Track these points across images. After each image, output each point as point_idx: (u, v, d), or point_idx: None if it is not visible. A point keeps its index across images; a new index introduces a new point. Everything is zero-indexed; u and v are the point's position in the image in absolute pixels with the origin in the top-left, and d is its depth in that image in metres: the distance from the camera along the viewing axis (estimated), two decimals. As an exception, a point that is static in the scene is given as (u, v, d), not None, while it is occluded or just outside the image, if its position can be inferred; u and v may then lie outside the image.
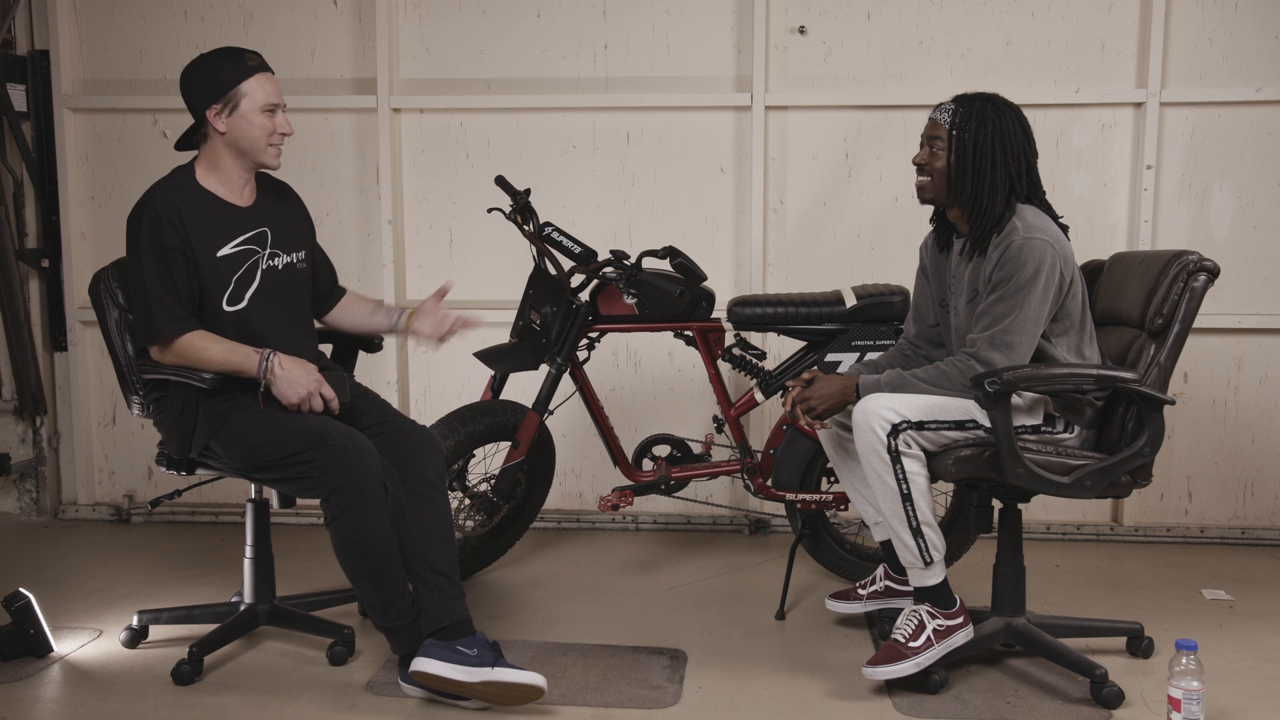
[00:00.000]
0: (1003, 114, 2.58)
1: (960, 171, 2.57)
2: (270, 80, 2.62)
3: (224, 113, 2.57)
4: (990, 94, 2.63)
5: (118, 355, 2.73)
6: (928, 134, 2.63)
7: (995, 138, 2.56)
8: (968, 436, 2.53)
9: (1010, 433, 2.43)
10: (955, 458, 2.50)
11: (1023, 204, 2.57)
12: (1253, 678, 2.68)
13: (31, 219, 4.07)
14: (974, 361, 2.49)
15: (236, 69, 2.58)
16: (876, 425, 2.48)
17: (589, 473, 4.00)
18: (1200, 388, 3.79)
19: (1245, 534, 3.81)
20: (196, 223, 2.57)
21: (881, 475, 2.50)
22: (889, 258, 3.85)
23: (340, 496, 2.45)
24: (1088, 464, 2.51)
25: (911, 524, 2.51)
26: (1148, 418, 2.49)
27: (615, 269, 3.18)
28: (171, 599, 3.17)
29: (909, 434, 2.49)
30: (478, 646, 2.46)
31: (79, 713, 2.50)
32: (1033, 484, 2.48)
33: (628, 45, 3.89)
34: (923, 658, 2.53)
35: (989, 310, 2.51)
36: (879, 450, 2.48)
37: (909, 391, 2.53)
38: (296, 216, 2.81)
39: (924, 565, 2.55)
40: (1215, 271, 2.54)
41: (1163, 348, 2.53)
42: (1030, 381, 2.44)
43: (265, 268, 2.66)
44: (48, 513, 4.12)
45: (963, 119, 2.57)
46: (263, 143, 2.61)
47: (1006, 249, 2.50)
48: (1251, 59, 3.71)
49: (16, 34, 3.98)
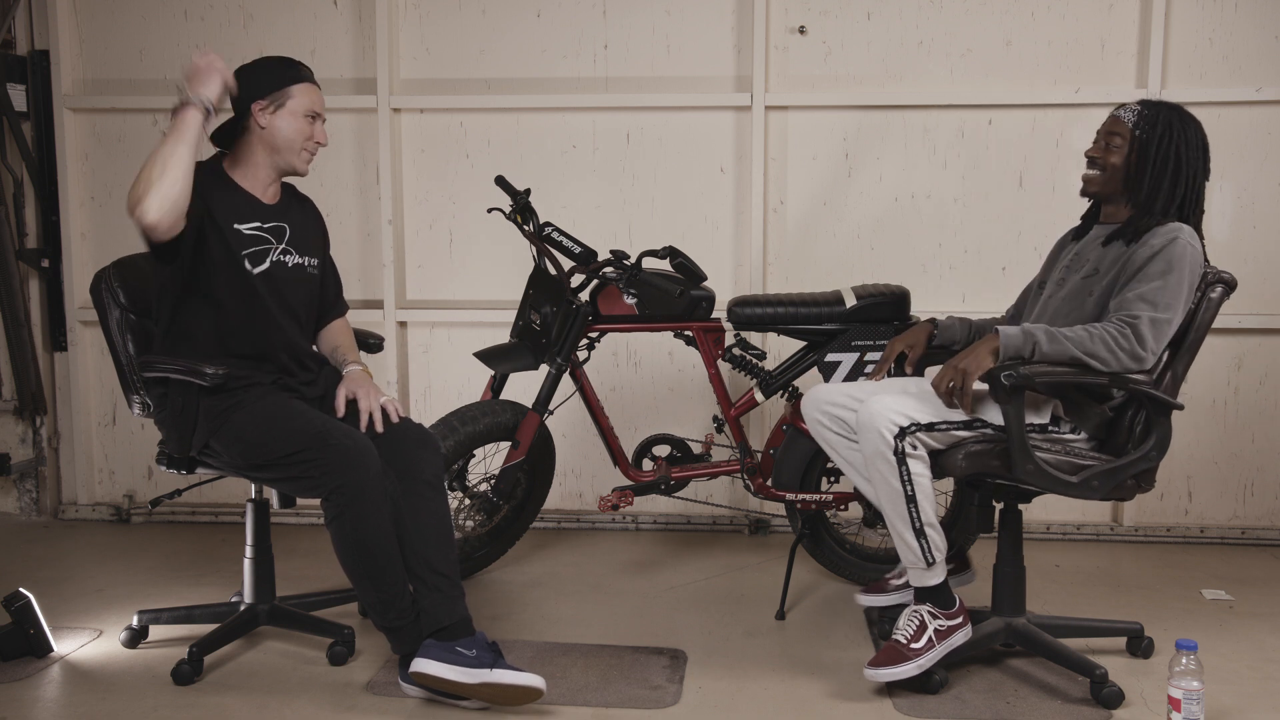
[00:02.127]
0: (1188, 125, 2.57)
1: (1139, 171, 2.56)
2: (317, 92, 2.70)
3: (269, 109, 2.63)
4: (1176, 104, 2.62)
5: (118, 355, 2.73)
6: (1106, 129, 2.61)
7: (1181, 145, 2.54)
8: (975, 435, 2.52)
9: (1022, 428, 2.43)
10: (966, 452, 2.49)
11: (1181, 222, 2.56)
12: (1253, 678, 2.68)
13: (31, 219, 4.07)
14: (1132, 334, 2.43)
15: (290, 72, 2.67)
16: (884, 428, 2.47)
17: (589, 473, 4.00)
18: (1200, 388, 3.79)
19: (1245, 534, 3.81)
20: (217, 198, 2.61)
21: (886, 477, 2.50)
22: (889, 258, 3.85)
23: (341, 496, 2.45)
24: (1096, 465, 2.51)
25: (915, 525, 2.51)
26: (1156, 422, 2.49)
27: (615, 269, 3.18)
28: (171, 599, 3.17)
29: (917, 435, 2.48)
30: (477, 647, 2.46)
31: (79, 713, 2.50)
32: (1041, 481, 2.48)
33: (628, 45, 3.89)
34: (924, 659, 2.53)
35: (1150, 297, 2.45)
36: (885, 453, 2.48)
37: (1064, 350, 2.43)
38: (314, 227, 2.84)
39: (926, 566, 2.55)
40: (1232, 284, 2.56)
41: (1177, 355, 2.54)
42: (1046, 377, 2.43)
43: (275, 259, 2.68)
44: (48, 513, 4.12)
45: (1149, 121, 2.56)
46: (297, 145, 2.66)
47: (1173, 243, 2.47)
48: (1251, 59, 3.71)
49: (16, 34, 3.98)
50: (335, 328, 2.92)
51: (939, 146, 3.81)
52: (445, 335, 4.01)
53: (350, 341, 2.92)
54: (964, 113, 3.79)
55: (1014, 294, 3.79)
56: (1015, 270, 3.81)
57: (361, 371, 2.78)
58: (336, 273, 2.94)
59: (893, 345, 2.83)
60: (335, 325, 2.92)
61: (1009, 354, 2.46)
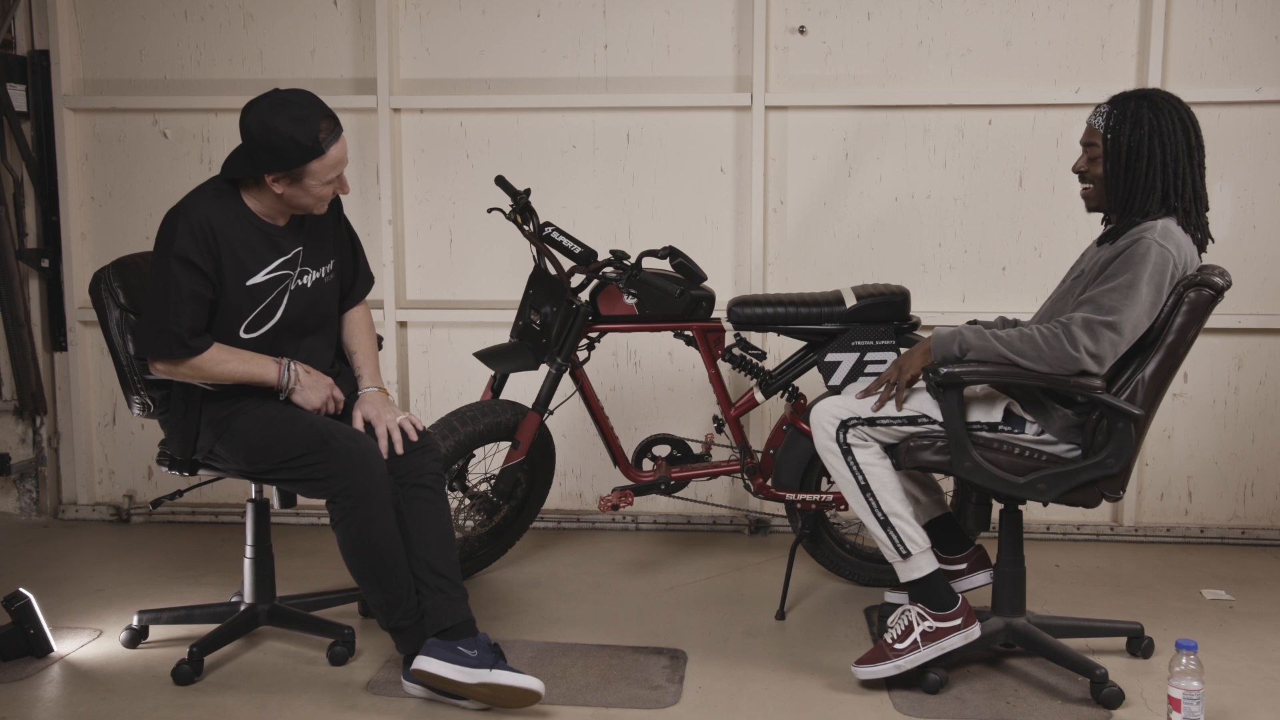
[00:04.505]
0: (1160, 112, 2.45)
1: (1113, 177, 2.50)
2: (339, 149, 2.48)
3: (283, 180, 2.48)
4: (1149, 91, 2.51)
5: (118, 355, 2.72)
6: (1084, 140, 2.56)
7: (1153, 137, 2.44)
8: (920, 430, 2.56)
9: (959, 424, 2.47)
10: (908, 447, 2.56)
11: (1168, 217, 2.47)
12: (1253, 678, 2.68)
13: (31, 219, 4.07)
14: (1063, 335, 2.39)
15: (307, 150, 2.43)
16: (825, 422, 2.58)
17: (589, 473, 4.00)
18: (1200, 388, 3.79)
19: (1245, 534, 3.81)
20: (230, 247, 2.51)
21: (838, 469, 2.59)
22: (889, 258, 3.85)
23: (346, 499, 2.46)
24: (1045, 468, 2.50)
25: (877, 515, 2.56)
26: (1114, 429, 2.44)
27: (615, 269, 3.18)
28: (171, 599, 3.17)
29: (860, 429, 2.56)
30: (479, 648, 2.46)
31: (79, 713, 2.50)
32: (981, 479, 2.51)
33: (628, 45, 3.89)
34: (904, 660, 2.54)
35: (1096, 298, 2.41)
36: (829, 445, 2.57)
37: (990, 349, 2.43)
38: (330, 222, 2.73)
39: (901, 558, 2.57)
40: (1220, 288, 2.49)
41: (1146, 359, 2.47)
42: (975, 376, 2.46)
43: (295, 288, 2.63)
44: (48, 513, 4.12)
45: (1116, 121, 2.48)
46: (314, 206, 2.56)
47: (1135, 244, 2.41)
48: (1251, 59, 3.71)
49: (16, 34, 3.97)
50: (353, 321, 2.82)
51: (939, 146, 3.81)
52: (445, 335, 4.01)
53: (368, 347, 2.80)
54: (964, 113, 3.79)
55: (1014, 294, 3.83)
56: (1015, 270, 3.81)
57: (377, 393, 2.69)
58: (357, 252, 2.84)
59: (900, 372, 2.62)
60: (353, 318, 2.82)
61: (940, 353, 2.50)
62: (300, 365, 2.61)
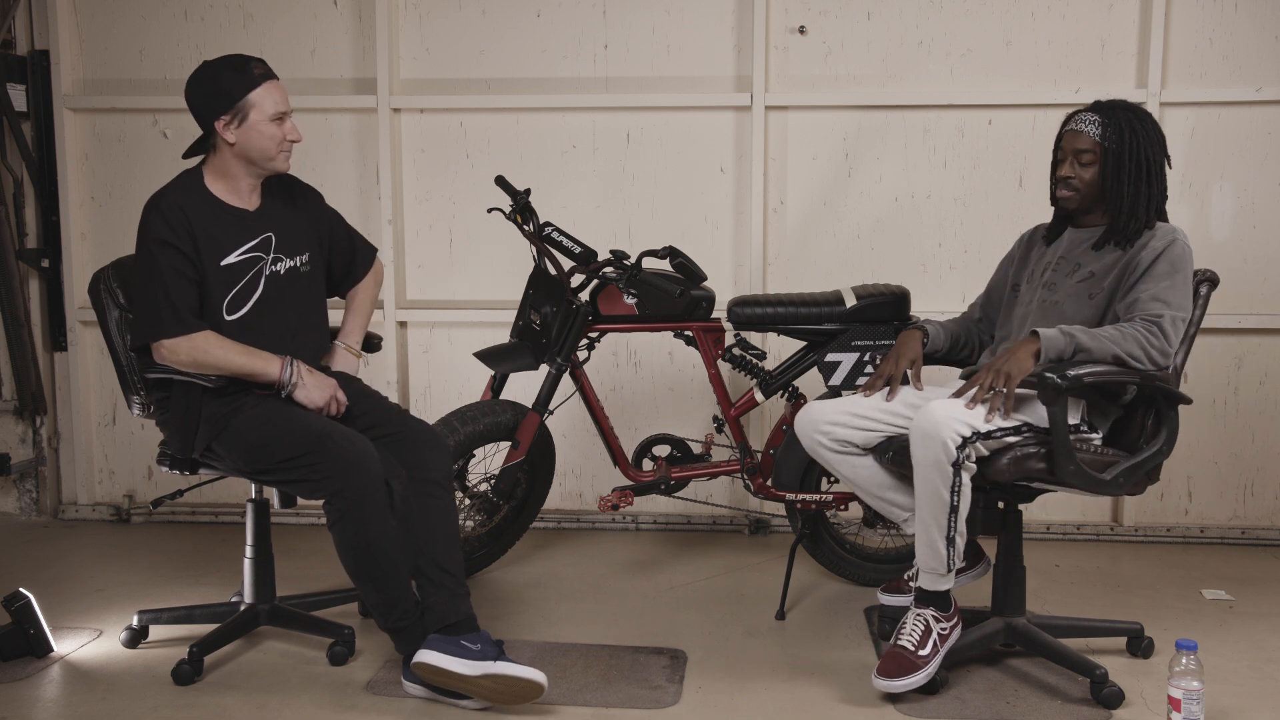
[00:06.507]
0: (1145, 121, 2.60)
1: (1116, 181, 2.58)
2: (278, 88, 2.61)
3: (233, 124, 2.56)
4: (1125, 102, 2.64)
5: (118, 355, 2.73)
6: (1072, 147, 2.61)
7: (1145, 144, 2.58)
8: (1022, 439, 2.50)
9: (1066, 430, 2.44)
10: (1012, 457, 2.45)
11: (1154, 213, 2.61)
12: (1253, 678, 2.68)
13: (31, 219, 4.07)
14: (1159, 332, 2.46)
15: (243, 79, 2.56)
16: (949, 438, 2.40)
17: (589, 473, 4.00)
18: (1200, 388, 3.79)
19: (1245, 534, 3.81)
20: (203, 227, 2.58)
21: (937, 486, 2.44)
22: (889, 258, 3.85)
23: (342, 500, 2.46)
24: (1120, 462, 2.53)
25: (949, 534, 2.48)
26: (1166, 417, 2.54)
27: (615, 269, 3.18)
28: (171, 599, 3.17)
29: (976, 444, 2.45)
30: (481, 642, 2.46)
31: (79, 713, 2.50)
32: (1080, 480, 2.48)
33: (628, 45, 3.89)
34: (932, 666, 2.53)
35: (1164, 296, 2.48)
36: (943, 462, 2.41)
37: (1103, 348, 2.44)
38: (306, 218, 2.78)
39: (946, 571, 2.54)
40: (1215, 281, 2.63)
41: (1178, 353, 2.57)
42: (1095, 377, 2.42)
43: (269, 274, 2.67)
44: (48, 513, 4.12)
45: (1114, 130, 2.57)
46: (272, 151, 2.61)
47: (1173, 244, 2.53)
48: (1251, 59, 3.71)
49: (16, 34, 3.97)
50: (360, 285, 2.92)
51: (939, 146, 3.81)
52: (445, 335, 4.01)
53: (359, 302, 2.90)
54: (964, 113, 3.79)
55: (1014, 294, 3.82)
56: (1015, 270, 3.81)
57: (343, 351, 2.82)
58: (351, 233, 2.90)
59: (897, 363, 2.73)
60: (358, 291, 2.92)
61: (1051, 355, 2.46)
62: (304, 365, 2.62)
